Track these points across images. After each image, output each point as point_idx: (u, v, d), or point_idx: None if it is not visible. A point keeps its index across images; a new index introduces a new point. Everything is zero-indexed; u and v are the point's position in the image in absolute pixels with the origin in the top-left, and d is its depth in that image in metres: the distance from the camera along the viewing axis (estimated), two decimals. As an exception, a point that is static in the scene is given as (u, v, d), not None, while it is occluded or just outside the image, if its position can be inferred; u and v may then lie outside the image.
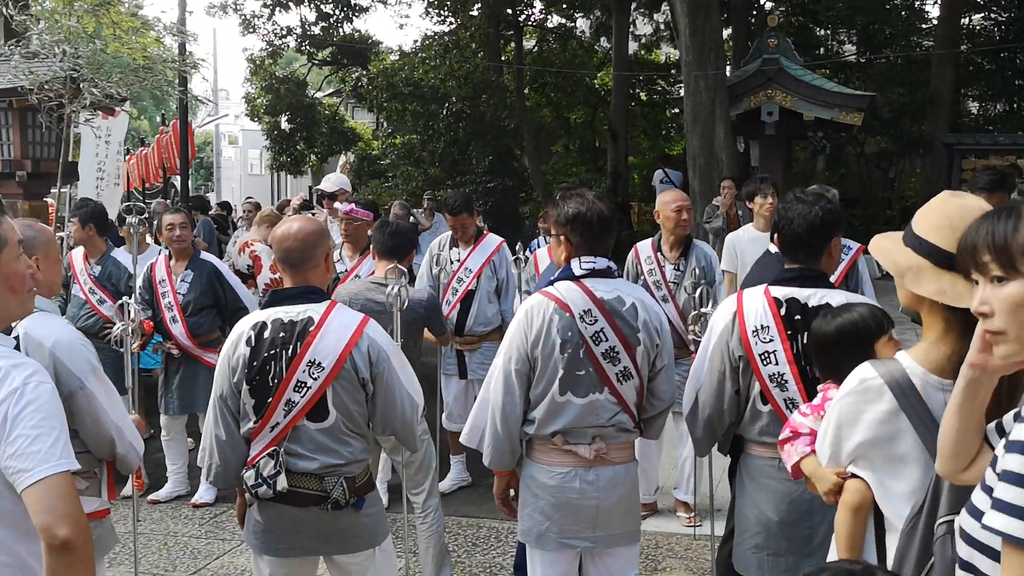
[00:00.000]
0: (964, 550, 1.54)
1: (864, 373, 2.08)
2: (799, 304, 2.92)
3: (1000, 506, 1.41)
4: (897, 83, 16.33)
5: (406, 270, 4.10)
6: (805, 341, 2.87)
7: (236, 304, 5.69)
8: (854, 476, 2.13)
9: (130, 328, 3.70)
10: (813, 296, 2.91)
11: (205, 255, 6.07)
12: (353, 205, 5.63)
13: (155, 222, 6.98)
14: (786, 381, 2.89)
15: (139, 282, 5.75)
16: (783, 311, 2.92)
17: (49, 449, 1.87)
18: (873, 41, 17.51)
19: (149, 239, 7.53)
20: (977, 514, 1.50)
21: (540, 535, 3.13)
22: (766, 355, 2.90)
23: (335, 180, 7.66)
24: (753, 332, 2.92)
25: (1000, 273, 1.51)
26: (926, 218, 2.04)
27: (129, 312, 3.85)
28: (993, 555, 1.46)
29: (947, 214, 2.00)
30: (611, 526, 3.11)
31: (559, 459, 3.08)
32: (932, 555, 1.77)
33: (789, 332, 2.91)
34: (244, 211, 9.61)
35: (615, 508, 3.10)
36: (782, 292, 2.95)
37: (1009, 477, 1.41)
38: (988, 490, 1.48)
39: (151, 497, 5.75)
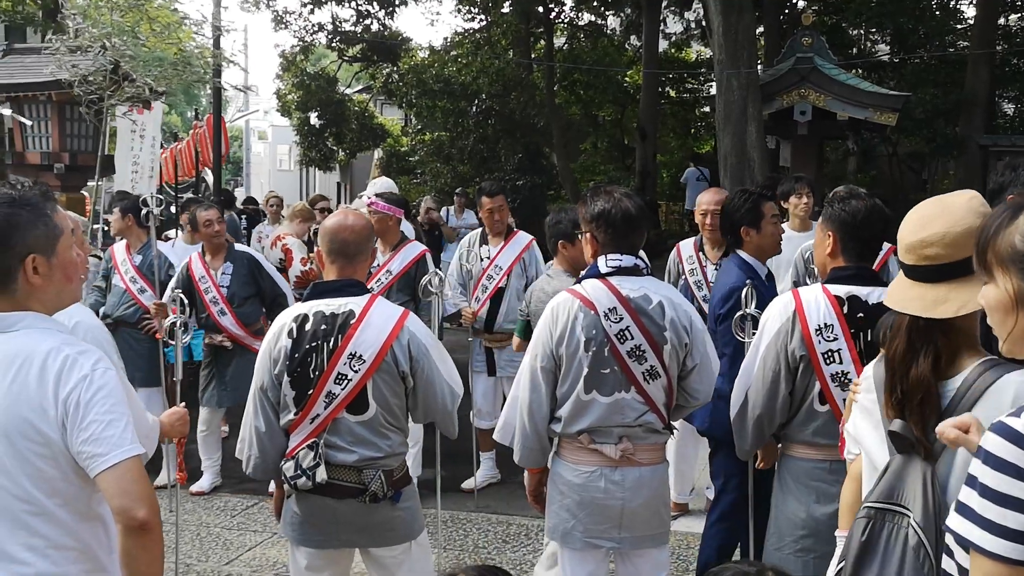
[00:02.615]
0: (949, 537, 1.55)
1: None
2: (861, 302, 2.90)
3: (960, 508, 1.43)
4: (931, 83, 16.10)
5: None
6: (869, 339, 2.85)
7: (275, 291, 5.78)
8: None
9: (179, 322, 3.72)
10: (872, 294, 2.89)
11: (239, 246, 6.15)
12: (375, 197, 5.66)
13: (184, 217, 7.04)
14: (850, 380, 2.86)
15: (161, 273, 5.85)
16: (845, 309, 2.89)
17: (122, 434, 1.93)
18: (907, 41, 17.30)
19: (180, 233, 7.58)
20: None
21: (566, 533, 3.14)
22: (829, 354, 2.88)
23: (381, 185, 7.66)
24: (816, 331, 2.89)
25: (983, 275, 1.55)
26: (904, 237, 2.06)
27: (182, 306, 3.89)
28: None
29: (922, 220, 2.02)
30: (637, 527, 3.10)
31: (585, 458, 3.08)
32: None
33: (853, 330, 2.88)
34: (271, 206, 9.66)
35: (641, 510, 3.09)
36: (843, 290, 2.91)
37: (972, 482, 1.42)
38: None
39: (193, 488, 5.79)
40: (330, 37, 19.46)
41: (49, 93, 7.93)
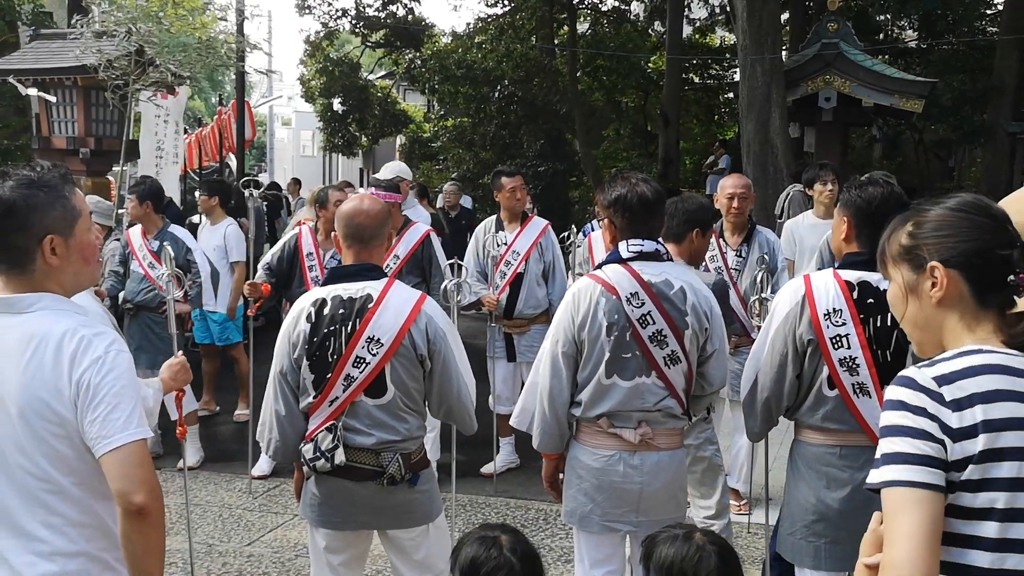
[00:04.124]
0: None
1: None
2: (871, 287, 2.89)
3: (885, 459, 1.53)
4: (959, 70, 15.90)
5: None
6: (879, 324, 2.84)
7: None
8: None
9: (173, 303, 3.74)
10: (884, 280, 2.88)
11: None
12: (373, 188, 5.68)
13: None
14: (858, 365, 2.86)
15: (201, 254, 5.90)
16: (855, 294, 2.89)
17: (127, 418, 1.95)
18: (935, 27, 17.08)
19: (205, 218, 7.63)
20: None
21: (583, 516, 3.15)
22: (838, 339, 2.88)
23: (393, 168, 7.62)
24: (825, 315, 2.89)
25: (887, 277, 1.71)
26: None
27: (172, 286, 3.92)
28: None
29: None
30: (655, 512, 3.11)
31: (604, 442, 3.09)
32: None
33: (862, 316, 2.88)
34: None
35: (659, 494, 3.10)
36: (853, 275, 2.91)
37: (883, 432, 1.55)
38: None
39: (255, 472, 5.76)
40: (354, 23, 19.48)
41: (75, 78, 7.99)
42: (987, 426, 1.48)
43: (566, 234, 5.93)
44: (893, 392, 1.55)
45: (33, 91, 7.96)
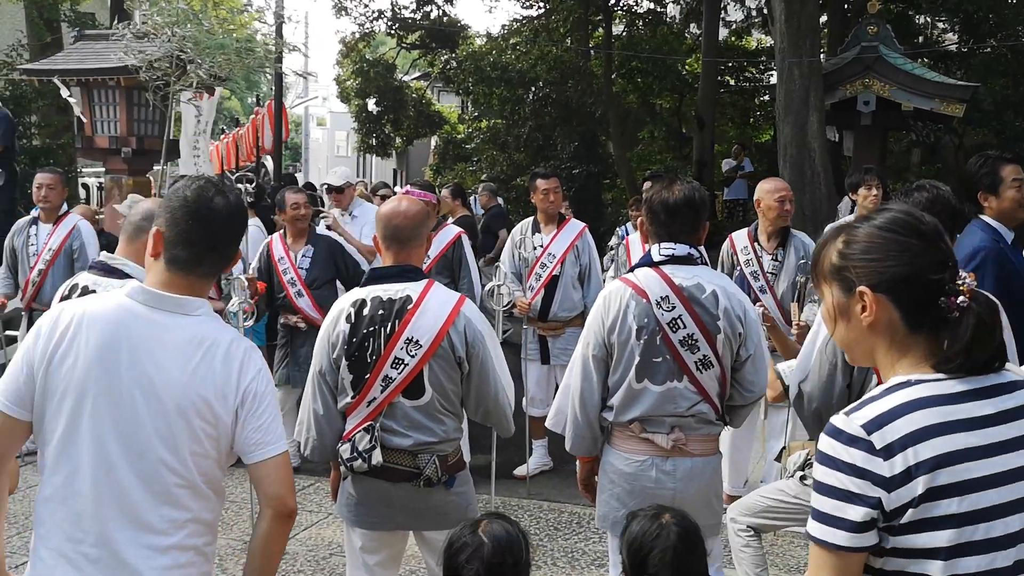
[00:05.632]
0: None
1: None
2: None
3: (814, 515, 1.54)
4: (1000, 74, 15.65)
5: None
6: None
7: (356, 269, 5.81)
8: None
9: (242, 305, 3.80)
10: None
11: (321, 229, 6.23)
12: (409, 187, 5.72)
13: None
14: None
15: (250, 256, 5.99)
16: None
17: (281, 428, 2.10)
18: (977, 30, 16.83)
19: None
20: None
21: (616, 522, 3.13)
22: None
23: (341, 174, 7.79)
24: None
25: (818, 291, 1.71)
26: None
27: (235, 289, 3.97)
28: None
29: None
30: None
31: (637, 447, 3.08)
32: None
33: None
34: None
35: (693, 500, 3.07)
36: None
37: (815, 486, 1.54)
38: None
39: None
40: (389, 24, 19.60)
41: (117, 79, 8.13)
42: (920, 468, 1.45)
43: (613, 242, 5.94)
44: (822, 443, 1.53)
45: (74, 99, 8.12)
